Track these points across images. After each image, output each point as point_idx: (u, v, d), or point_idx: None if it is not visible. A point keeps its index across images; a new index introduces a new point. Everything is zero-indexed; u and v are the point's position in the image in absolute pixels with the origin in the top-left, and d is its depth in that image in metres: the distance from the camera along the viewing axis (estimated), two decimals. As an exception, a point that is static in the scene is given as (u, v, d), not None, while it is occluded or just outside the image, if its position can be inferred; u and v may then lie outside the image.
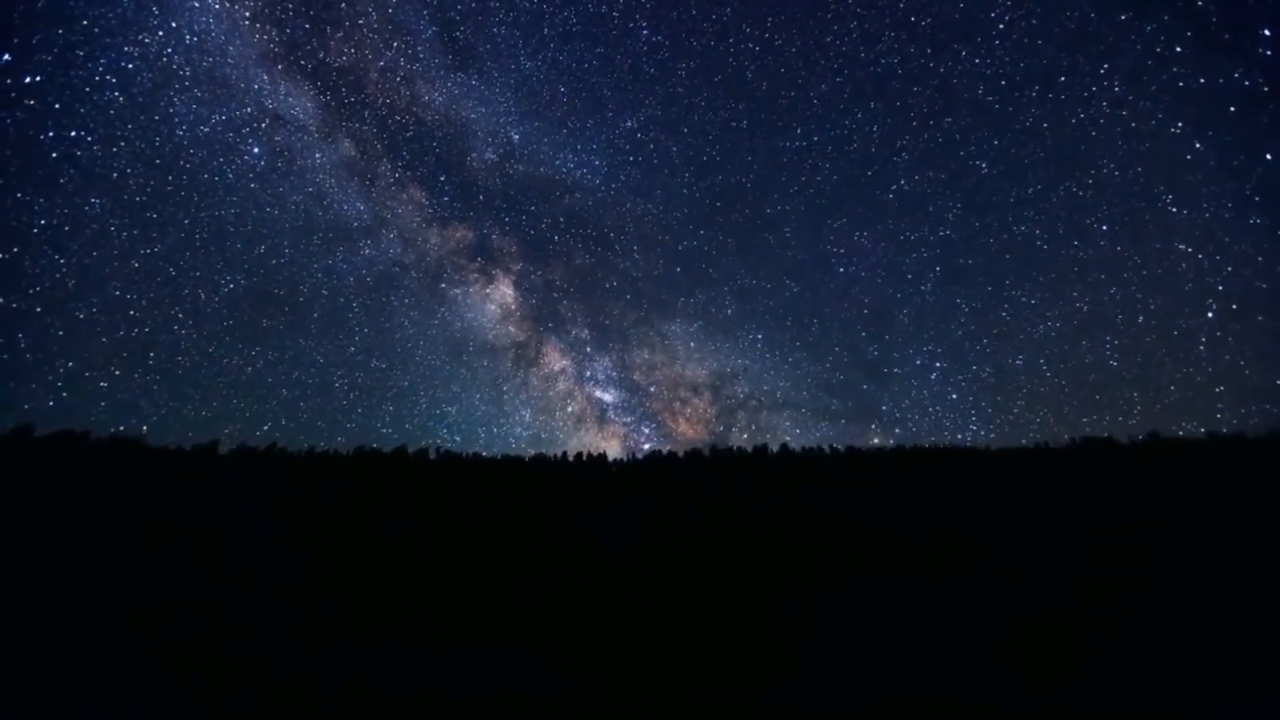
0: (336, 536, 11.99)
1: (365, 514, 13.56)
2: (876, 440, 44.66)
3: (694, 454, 24.41)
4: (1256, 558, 9.26)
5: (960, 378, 46.64)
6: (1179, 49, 37.86)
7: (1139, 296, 43.28)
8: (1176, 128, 39.71)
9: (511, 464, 22.90)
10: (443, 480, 18.19)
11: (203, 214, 44.07)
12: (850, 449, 24.11)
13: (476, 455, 23.32)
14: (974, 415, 44.00)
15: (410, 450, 22.19)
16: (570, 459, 24.60)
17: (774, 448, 26.11)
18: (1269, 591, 8.12)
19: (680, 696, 6.35)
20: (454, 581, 9.20)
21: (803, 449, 25.05)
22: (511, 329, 53.35)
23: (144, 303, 40.54)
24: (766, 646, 8.24)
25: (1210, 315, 39.51)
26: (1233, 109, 35.85)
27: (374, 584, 9.05)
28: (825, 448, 24.61)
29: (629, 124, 55.59)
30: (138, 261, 40.51)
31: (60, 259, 37.59)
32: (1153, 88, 40.32)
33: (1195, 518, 11.24)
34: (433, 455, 22.32)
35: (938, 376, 47.60)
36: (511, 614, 7.64)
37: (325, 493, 15.66)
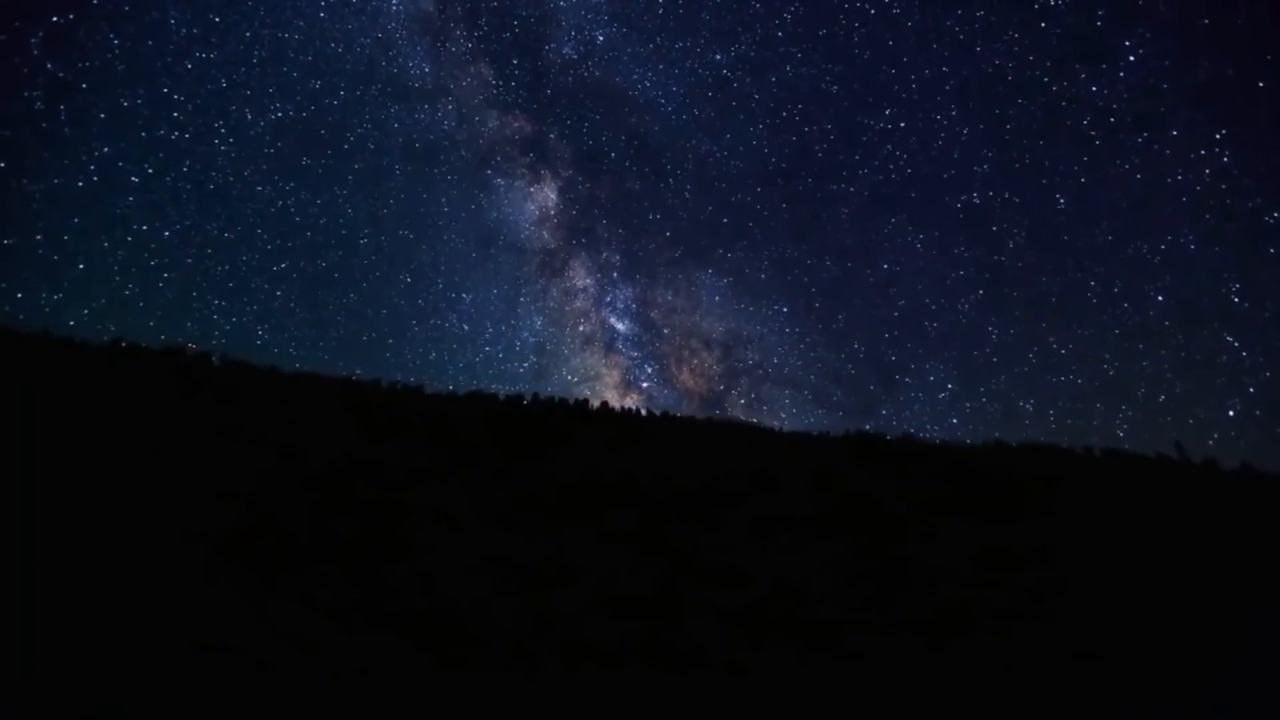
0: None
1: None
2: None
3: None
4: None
5: (967, 405, 46.00)
6: (1310, 132, 33.22)
7: (1169, 376, 41.37)
8: (1272, 216, 36.90)
9: (311, 383, 21.19)
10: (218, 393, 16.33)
11: (265, 31, 43.28)
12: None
13: (272, 368, 21.42)
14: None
15: (190, 350, 20.19)
16: (386, 387, 23.07)
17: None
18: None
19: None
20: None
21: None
22: (545, 234, 52.19)
23: (190, 107, 40.73)
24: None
25: (1231, 414, 37.82)
26: (1344, 212, 31.26)
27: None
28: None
29: (718, 57, 52.42)
30: (191, 64, 40.31)
31: (114, 39, 37.19)
32: (1263, 168, 37.19)
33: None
34: (216, 361, 20.32)
35: (945, 397, 46.80)
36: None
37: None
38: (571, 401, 24.60)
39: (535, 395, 24.72)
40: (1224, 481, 15.12)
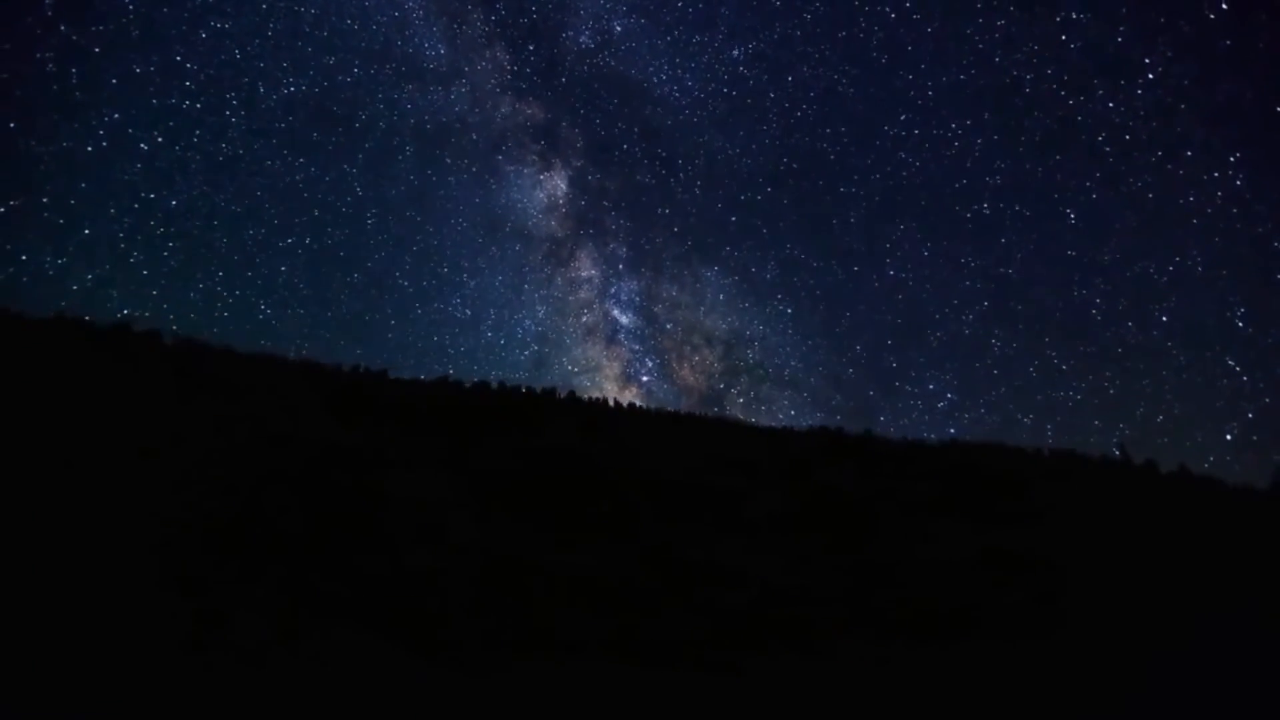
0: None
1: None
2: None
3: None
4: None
5: (965, 416, 45.45)
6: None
7: (1169, 397, 41.01)
8: (1283, 242, 34.83)
9: (272, 364, 20.42)
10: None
11: (282, 3, 40.85)
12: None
13: (227, 349, 20.60)
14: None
15: (137, 328, 19.20)
16: (348, 371, 22.42)
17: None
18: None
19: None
20: None
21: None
22: (553, 223, 50.73)
23: (203, 77, 38.74)
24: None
25: (1229, 439, 37.55)
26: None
27: None
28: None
29: (735, 53, 51.08)
30: (206, 33, 38.30)
31: (129, 3, 34.62)
32: (1276, 193, 36.79)
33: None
34: (168, 340, 19.35)
35: (944, 407, 46.17)
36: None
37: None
38: (539, 390, 24.43)
39: (501, 383, 24.44)
40: (1163, 481, 16.08)
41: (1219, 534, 11.37)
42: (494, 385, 24.06)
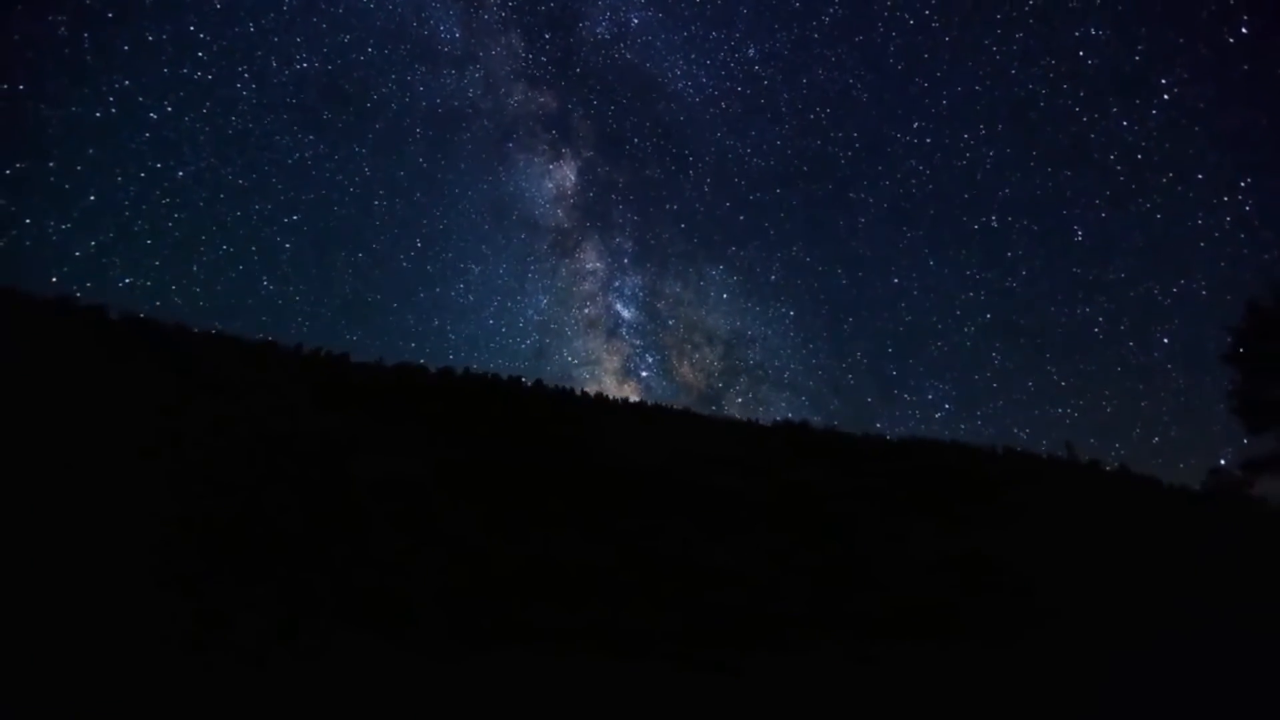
0: None
1: None
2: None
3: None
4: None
5: (962, 426, 45.26)
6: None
7: (1166, 420, 42.34)
8: (1291, 265, 34.14)
9: (233, 346, 19.54)
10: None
11: None
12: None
13: (179, 325, 19.62)
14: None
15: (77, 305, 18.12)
16: (309, 353, 21.70)
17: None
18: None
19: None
20: None
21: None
22: (560, 213, 49.34)
23: (215, 49, 36.38)
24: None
25: (1223, 462, 37.66)
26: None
27: None
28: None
29: (751, 52, 50.02)
30: (220, 3, 35.01)
31: None
32: None
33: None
34: (114, 316, 18.36)
35: (941, 417, 45.96)
36: None
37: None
38: (505, 377, 24.07)
39: (467, 369, 23.97)
40: (1106, 478, 17.15)
41: (1168, 533, 12.24)
42: (459, 372, 23.61)
